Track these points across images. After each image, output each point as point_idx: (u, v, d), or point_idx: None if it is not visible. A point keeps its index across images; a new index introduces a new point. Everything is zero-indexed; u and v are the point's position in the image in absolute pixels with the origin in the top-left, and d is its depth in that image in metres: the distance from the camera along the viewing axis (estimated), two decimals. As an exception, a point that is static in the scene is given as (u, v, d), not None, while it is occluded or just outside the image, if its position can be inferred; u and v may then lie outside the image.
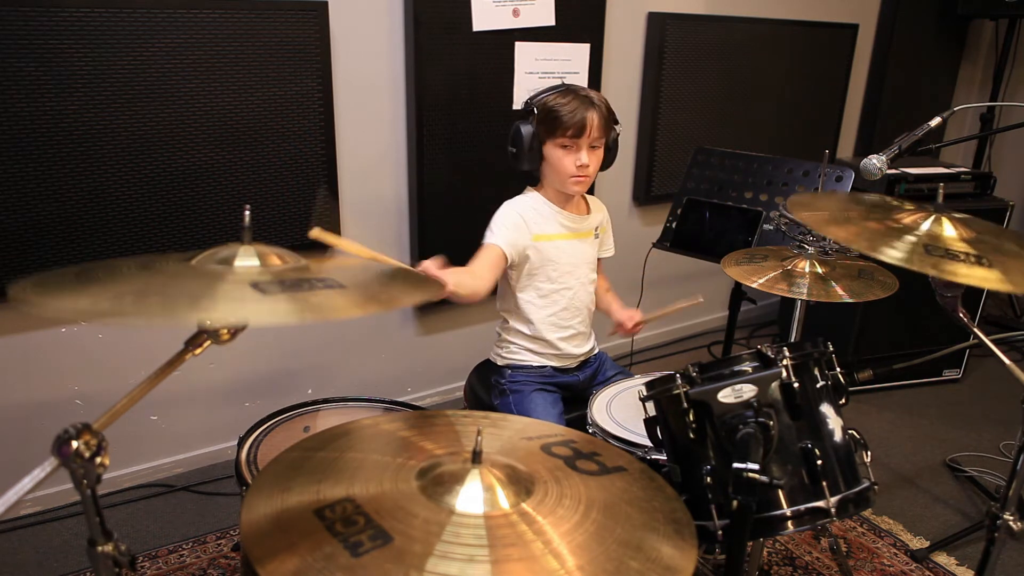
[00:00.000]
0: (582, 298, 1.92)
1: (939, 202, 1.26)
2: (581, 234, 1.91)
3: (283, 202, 2.33)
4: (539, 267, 1.85)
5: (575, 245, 1.89)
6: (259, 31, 2.15)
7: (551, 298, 1.88)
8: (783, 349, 1.21)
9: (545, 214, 1.85)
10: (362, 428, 1.13)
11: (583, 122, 1.73)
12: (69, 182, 2.01)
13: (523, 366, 1.91)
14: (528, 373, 1.90)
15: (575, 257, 1.89)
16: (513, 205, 1.85)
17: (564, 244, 1.87)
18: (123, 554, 0.86)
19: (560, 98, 1.76)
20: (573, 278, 1.89)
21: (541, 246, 1.84)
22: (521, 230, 1.81)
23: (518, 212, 1.83)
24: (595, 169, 1.81)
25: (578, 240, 1.90)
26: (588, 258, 1.94)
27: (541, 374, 1.91)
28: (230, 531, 2.18)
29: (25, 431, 2.13)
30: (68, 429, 0.80)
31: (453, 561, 0.80)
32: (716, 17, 3.13)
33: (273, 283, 0.87)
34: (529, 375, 1.90)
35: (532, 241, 1.82)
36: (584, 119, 1.73)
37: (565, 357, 1.93)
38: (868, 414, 2.96)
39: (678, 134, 3.15)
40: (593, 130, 1.74)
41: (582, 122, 1.73)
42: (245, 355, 2.47)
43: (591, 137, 1.75)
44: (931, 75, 3.99)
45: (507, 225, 1.81)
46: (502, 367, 1.94)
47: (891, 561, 2.15)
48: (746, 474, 1.00)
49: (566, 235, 1.88)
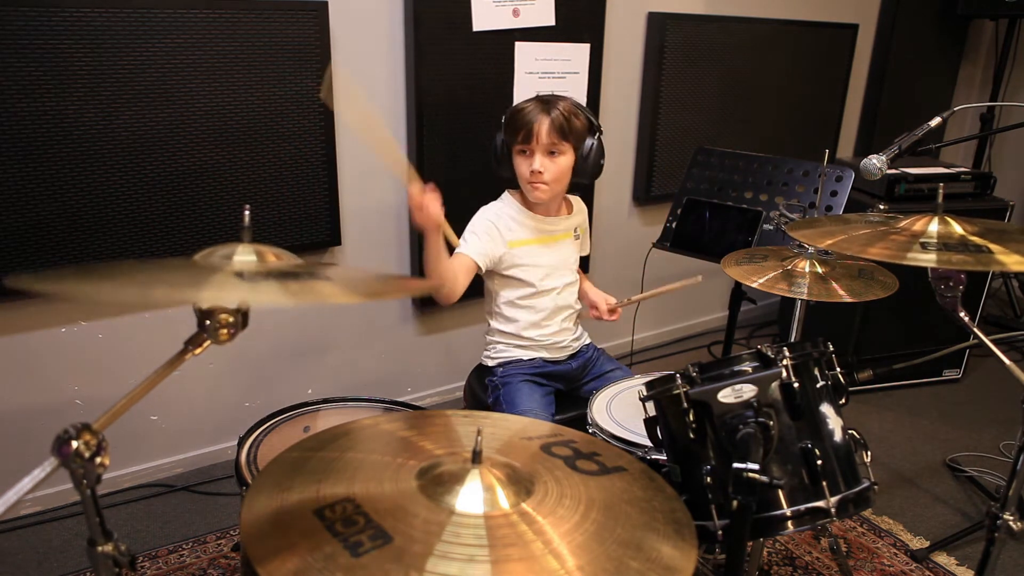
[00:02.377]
0: (565, 299, 1.94)
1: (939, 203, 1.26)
2: (558, 236, 1.92)
3: (283, 202, 2.33)
4: (517, 272, 1.87)
5: (552, 248, 1.91)
6: (259, 31, 2.15)
7: (532, 300, 1.89)
8: (783, 349, 1.21)
9: (519, 220, 1.87)
10: (362, 428, 1.13)
11: (530, 127, 1.75)
12: (69, 182, 2.01)
13: (513, 360, 1.93)
14: (519, 366, 1.92)
15: (554, 259, 1.91)
16: (486, 213, 1.88)
17: (540, 248, 1.89)
18: (123, 554, 0.86)
19: (524, 104, 1.79)
20: (553, 280, 1.91)
21: (517, 252, 1.86)
22: (495, 238, 1.83)
23: (491, 221, 1.85)
24: (554, 176, 1.79)
25: (555, 243, 1.92)
26: (569, 259, 1.95)
27: (532, 365, 1.92)
28: (230, 531, 2.18)
29: (25, 431, 2.13)
30: (68, 429, 0.80)
31: (453, 561, 0.80)
32: (716, 17, 3.13)
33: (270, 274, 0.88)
34: (520, 368, 1.92)
35: (507, 248, 1.85)
36: (531, 124, 1.75)
37: (553, 349, 1.94)
38: (868, 414, 2.96)
39: (678, 134, 3.15)
40: (542, 136, 1.75)
41: (529, 127, 1.75)
42: (245, 355, 2.47)
43: (542, 143, 1.76)
44: (931, 75, 3.99)
45: (478, 234, 1.83)
46: (493, 367, 1.96)
47: (891, 561, 2.15)
48: (746, 474, 1.00)
49: (543, 239, 1.90)
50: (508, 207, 1.89)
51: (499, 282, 1.91)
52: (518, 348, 1.93)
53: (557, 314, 1.93)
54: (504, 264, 1.86)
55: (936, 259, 1.11)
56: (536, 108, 1.77)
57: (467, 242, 1.83)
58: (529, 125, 1.75)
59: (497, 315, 1.95)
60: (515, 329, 1.91)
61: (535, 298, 1.89)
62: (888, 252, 1.16)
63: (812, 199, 2.13)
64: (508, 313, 1.91)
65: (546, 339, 1.92)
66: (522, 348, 1.93)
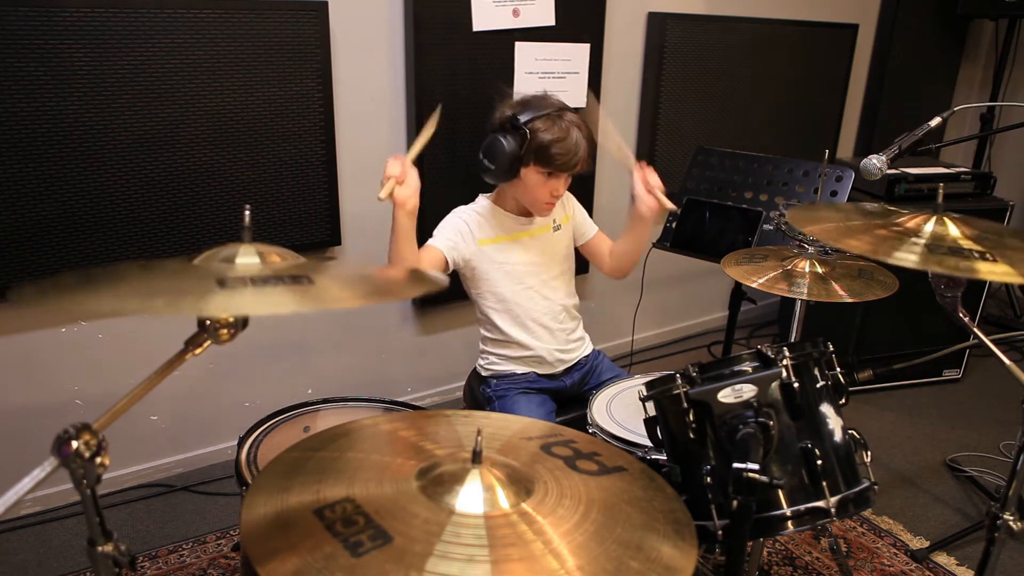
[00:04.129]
0: (549, 295, 1.89)
1: (939, 202, 1.26)
2: (534, 231, 1.88)
3: (283, 202, 2.33)
4: (489, 271, 1.84)
5: (527, 244, 1.86)
6: (259, 31, 2.15)
7: (512, 300, 1.86)
8: (783, 349, 1.21)
9: (490, 219, 1.84)
10: (362, 428, 1.13)
11: (576, 162, 1.73)
12: (69, 182, 2.01)
13: (507, 374, 1.91)
14: (513, 380, 1.90)
15: (529, 255, 1.86)
16: (460, 213, 1.85)
17: (512, 244, 1.85)
18: (123, 554, 0.86)
19: (556, 131, 1.70)
20: (532, 277, 1.86)
21: (487, 249, 1.83)
22: (466, 236, 1.81)
23: (464, 220, 1.83)
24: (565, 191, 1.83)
25: (530, 238, 1.87)
26: (550, 253, 1.90)
27: (526, 380, 1.90)
28: (230, 531, 2.18)
29: (25, 431, 2.13)
30: (68, 429, 0.80)
31: (453, 561, 0.80)
32: (716, 17, 3.13)
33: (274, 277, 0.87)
34: (514, 382, 1.90)
35: (478, 246, 1.82)
36: (578, 160, 1.73)
37: (545, 363, 1.91)
38: (868, 414, 2.96)
39: (678, 134, 3.15)
40: (580, 164, 1.74)
41: (575, 162, 1.73)
42: (245, 355, 2.47)
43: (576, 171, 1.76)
44: (931, 75, 3.99)
45: (449, 230, 1.81)
46: (487, 377, 1.94)
47: (891, 561, 2.15)
48: (746, 474, 1.00)
49: (516, 235, 1.86)
50: (480, 207, 1.86)
51: (477, 287, 1.87)
52: (509, 361, 1.90)
53: (543, 314, 1.88)
54: (475, 263, 1.82)
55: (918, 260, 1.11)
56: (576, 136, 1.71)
57: (436, 236, 1.80)
58: (574, 158, 1.71)
59: (483, 322, 1.92)
60: (501, 336, 1.88)
61: (515, 297, 1.85)
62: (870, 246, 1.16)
63: (812, 199, 2.13)
64: (491, 316, 1.88)
65: (533, 343, 1.88)
66: (512, 360, 1.90)
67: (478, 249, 1.82)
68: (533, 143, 1.70)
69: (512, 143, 1.70)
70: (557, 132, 1.70)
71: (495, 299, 1.86)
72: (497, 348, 1.91)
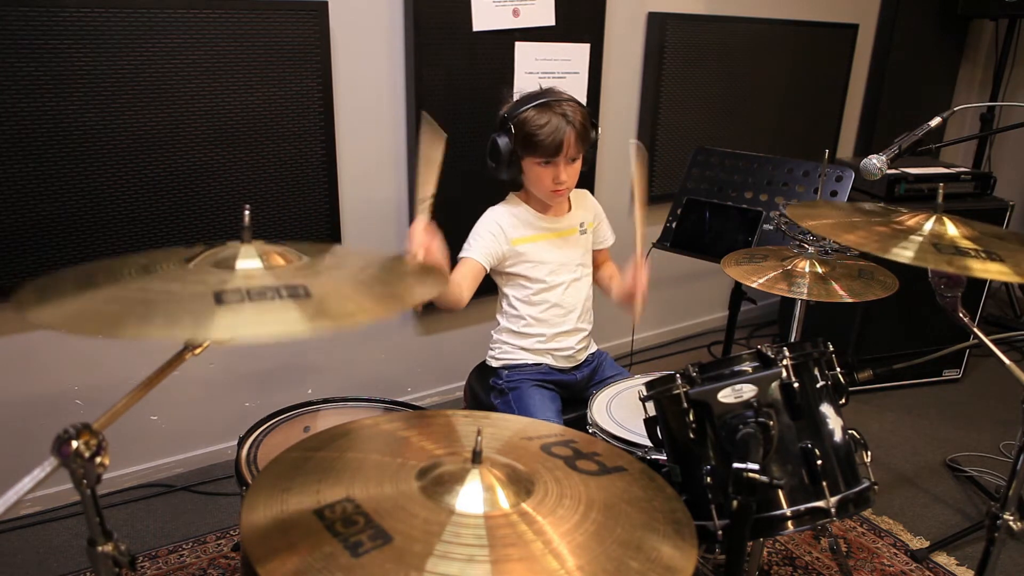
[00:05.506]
0: (572, 295, 1.93)
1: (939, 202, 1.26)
2: (563, 233, 1.92)
3: (283, 202, 2.33)
4: (522, 269, 1.88)
5: (557, 244, 1.91)
6: (259, 31, 2.15)
7: (539, 296, 1.89)
8: (783, 349, 1.21)
9: (524, 219, 1.88)
10: (362, 428, 1.13)
11: (559, 144, 1.73)
12: (69, 182, 2.01)
13: (519, 364, 1.92)
14: (524, 371, 1.91)
15: (559, 256, 1.90)
16: (492, 214, 1.88)
17: (545, 244, 1.89)
18: (123, 554, 0.86)
19: (538, 117, 1.72)
20: (558, 276, 1.90)
21: (521, 249, 1.87)
22: (499, 238, 1.84)
23: (496, 221, 1.86)
24: (574, 180, 1.82)
25: (560, 239, 1.91)
26: (575, 255, 1.94)
27: (538, 371, 1.92)
28: (230, 531, 2.18)
29: (25, 431, 2.13)
30: (68, 429, 0.80)
31: (453, 561, 0.80)
32: (716, 17, 3.13)
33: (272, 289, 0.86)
34: (526, 373, 1.91)
35: (511, 246, 1.85)
36: (561, 142, 1.72)
37: (560, 356, 1.93)
38: (868, 414, 2.96)
39: (678, 134, 3.15)
40: (570, 149, 1.74)
41: (559, 145, 1.73)
42: (245, 355, 2.47)
43: (567, 155, 1.75)
44: (931, 75, 3.99)
45: (483, 236, 1.84)
46: (498, 368, 1.95)
47: (891, 561, 2.15)
48: (746, 474, 1.00)
49: (547, 235, 1.90)
50: (512, 207, 1.90)
51: (507, 280, 1.91)
52: (524, 351, 1.92)
53: (567, 313, 1.92)
54: (509, 262, 1.87)
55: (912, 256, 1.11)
56: (557, 121, 1.72)
57: (471, 246, 1.83)
58: (558, 144, 1.72)
59: (506, 313, 1.94)
60: (523, 328, 1.91)
61: (543, 294, 1.89)
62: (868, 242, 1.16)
63: (812, 199, 2.13)
64: (516, 309, 1.91)
65: (554, 341, 1.91)
66: (528, 351, 1.92)
67: (511, 248, 1.86)
68: (519, 134, 1.74)
69: (505, 139, 1.76)
70: (538, 119, 1.73)
71: (524, 293, 1.90)
72: (514, 339, 1.93)
